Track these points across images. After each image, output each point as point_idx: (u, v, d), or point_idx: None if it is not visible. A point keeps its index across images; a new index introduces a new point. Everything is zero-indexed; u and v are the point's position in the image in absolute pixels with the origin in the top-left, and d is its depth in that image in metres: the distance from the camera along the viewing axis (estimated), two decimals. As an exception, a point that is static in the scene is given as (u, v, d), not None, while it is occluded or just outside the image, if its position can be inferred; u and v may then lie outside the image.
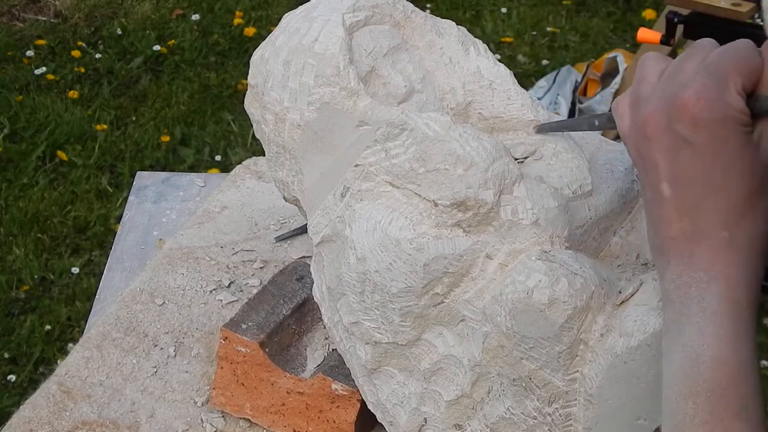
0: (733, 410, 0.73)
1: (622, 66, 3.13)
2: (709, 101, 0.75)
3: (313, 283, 1.07)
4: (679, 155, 0.77)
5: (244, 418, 1.15)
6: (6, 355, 2.46)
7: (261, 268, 1.35)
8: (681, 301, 0.77)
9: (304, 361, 1.15)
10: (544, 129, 1.02)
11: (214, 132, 3.21)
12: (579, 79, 3.19)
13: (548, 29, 3.76)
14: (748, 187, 0.76)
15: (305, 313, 1.18)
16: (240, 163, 1.57)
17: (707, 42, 0.79)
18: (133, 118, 3.26)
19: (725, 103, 0.74)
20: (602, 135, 1.09)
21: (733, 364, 0.74)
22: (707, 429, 0.73)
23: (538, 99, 2.16)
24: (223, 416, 1.16)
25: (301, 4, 1.06)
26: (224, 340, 1.12)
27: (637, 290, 0.93)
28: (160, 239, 1.45)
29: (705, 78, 0.75)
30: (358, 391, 1.07)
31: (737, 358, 0.74)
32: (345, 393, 1.09)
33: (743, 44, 0.76)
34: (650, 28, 2.73)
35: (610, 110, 0.86)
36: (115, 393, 1.18)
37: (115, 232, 1.51)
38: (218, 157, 3.10)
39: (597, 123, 0.96)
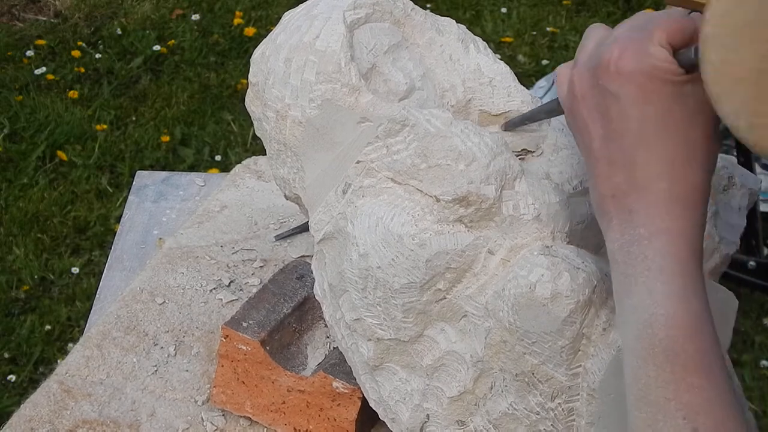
0: (693, 366, 0.72)
1: (622, 66, 3.12)
2: (633, 53, 0.75)
3: (313, 281, 1.06)
4: (608, 111, 0.76)
5: (244, 417, 1.15)
6: (6, 355, 2.46)
7: (261, 267, 1.35)
8: (624, 261, 0.77)
9: (305, 360, 1.15)
10: (510, 126, 1.02)
11: (214, 132, 3.21)
12: (579, 79, 3.19)
13: (548, 29, 3.76)
14: (684, 137, 0.75)
15: (306, 311, 1.18)
16: (240, 162, 1.57)
17: (642, 12, 0.80)
18: (133, 118, 3.26)
19: (648, 54, 0.74)
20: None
21: (686, 319, 0.73)
22: (672, 389, 0.72)
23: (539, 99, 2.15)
24: (223, 415, 1.15)
25: (301, 2, 1.06)
26: (225, 338, 1.12)
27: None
28: (160, 239, 1.45)
29: (629, 34, 0.76)
30: (359, 389, 1.07)
31: (689, 312, 0.74)
32: (346, 391, 1.09)
33: (673, 10, 0.77)
34: (650, 27, 2.73)
35: None
36: (115, 392, 1.18)
37: (115, 232, 1.51)
38: (218, 157, 3.10)
39: (550, 108, 0.97)
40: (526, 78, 3.44)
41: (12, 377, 2.40)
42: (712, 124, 0.76)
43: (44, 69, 3.45)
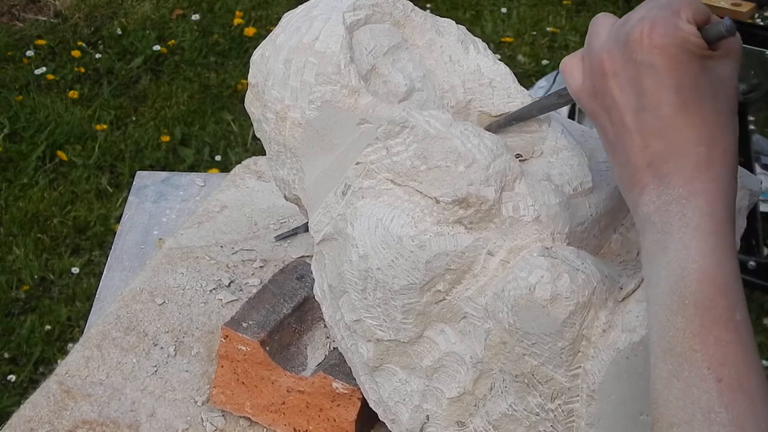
0: (722, 320, 0.75)
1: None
2: (665, 28, 0.78)
3: (313, 282, 1.07)
4: (642, 83, 0.79)
5: (244, 417, 1.15)
6: (6, 355, 2.46)
7: (261, 267, 1.35)
8: (662, 220, 0.79)
9: (305, 360, 1.15)
10: (492, 127, 1.02)
11: (214, 132, 3.21)
12: (579, 79, 3.19)
13: (548, 29, 3.77)
14: (713, 106, 0.79)
15: (305, 311, 1.18)
16: (240, 163, 1.57)
17: None
18: (133, 118, 3.26)
19: (679, 28, 0.78)
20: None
21: (719, 276, 0.76)
22: (699, 341, 0.74)
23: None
24: (223, 415, 1.16)
25: (301, 3, 1.06)
26: (225, 338, 1.12)
27: (639, 286, 0.93)
28: (160, 239, 1.45)
29: (657, 11, 0.80)
30: (358, 389, 1.07)
31: (722, 269, 0.76)
32: (345, 391, 1.09)
33: None
34: (650, 27, 2.73)
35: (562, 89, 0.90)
36: (115, 392, 1.18)
37: (115, 232, 1.51)
38: (218, 157, 3.10)
39: (547, 103, 0.98)
40: (526, 78, 3.44)
41: (12, 377, 2.40)
42: (733, 97, 0.81)
43: (44, 69, 3.45)
